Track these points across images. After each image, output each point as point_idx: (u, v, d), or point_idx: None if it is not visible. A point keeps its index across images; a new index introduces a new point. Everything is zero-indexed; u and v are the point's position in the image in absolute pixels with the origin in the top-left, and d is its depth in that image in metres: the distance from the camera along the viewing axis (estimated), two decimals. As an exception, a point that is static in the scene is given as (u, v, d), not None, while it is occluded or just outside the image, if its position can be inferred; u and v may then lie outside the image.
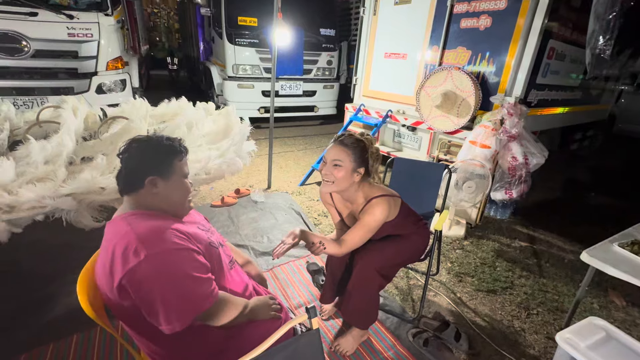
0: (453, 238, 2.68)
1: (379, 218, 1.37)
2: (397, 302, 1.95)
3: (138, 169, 0.94)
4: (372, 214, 1.37)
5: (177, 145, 1.01)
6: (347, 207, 1.54)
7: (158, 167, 0.95)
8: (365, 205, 1.41)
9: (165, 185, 0.96)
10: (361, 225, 1.39)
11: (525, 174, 2.51)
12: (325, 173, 1.38)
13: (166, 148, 0.98)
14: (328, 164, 1.37)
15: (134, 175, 0.94)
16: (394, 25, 3.54)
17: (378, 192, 1.42)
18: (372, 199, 1.40)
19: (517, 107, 2.51)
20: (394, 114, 3.55)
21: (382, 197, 1.40)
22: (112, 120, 2.37)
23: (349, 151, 1.35)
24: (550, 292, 2.13)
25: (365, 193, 1.43)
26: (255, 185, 3.51)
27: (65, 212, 1.61)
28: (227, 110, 2.65)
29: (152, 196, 0.95)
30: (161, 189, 0.95)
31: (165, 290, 0.82)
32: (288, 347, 0.82)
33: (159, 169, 0.95)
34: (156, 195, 0.95)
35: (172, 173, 0.97)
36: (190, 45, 8.50)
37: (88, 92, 4.07)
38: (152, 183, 0.94)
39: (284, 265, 2.24)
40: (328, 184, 1.39)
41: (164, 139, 0.99)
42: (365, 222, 1.38)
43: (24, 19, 3.64)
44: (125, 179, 0.96)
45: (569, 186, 4.19)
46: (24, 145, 1.81)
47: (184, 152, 1.02)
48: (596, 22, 1.94)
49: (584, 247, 1.53)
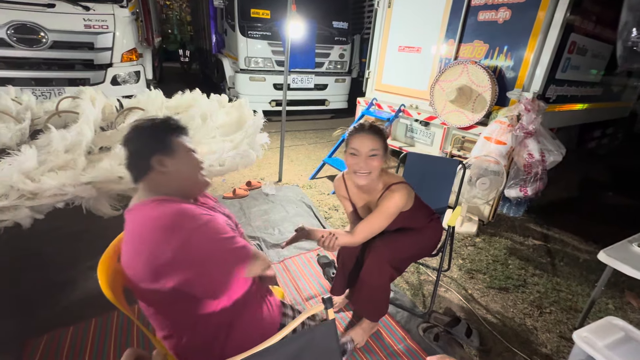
0: (465, 235, 2.66)
1: (398, 203, 1.36)
2: (407, 297, 1.96)
3: (141, 151, 0.94)
4: (391, 199, 1.36)
5: (172, 122, 1.00)
6: (363, 198, 1.52)
7: (160, 144, 0.95)
8: (385, 192, 1.40)
9: (173, 162, 0.95)
10: (380, 211, 1.37)
11: (541, 172, 2.46)
12: (360, 166, 1.32)
13: (164, 126, 0.98)
14: (363, 156, 1.32)
15: (139, 158, 0.95)
16: (408, 18, 3.49)
17: (396, 179, 1.43)
18: (392, 185, 1.40)
19: (535, 103, 2.45)
20: (407, 109, 3.51)
21: (401, 184, 1.40)
22: (128, 111, 2.41)
23: (380, 138, 1.34)
24: (564, 292, 2.10)
25: (384, 180, 1.43)
26: (267, 178, 3.53)
27: (85, 200, 1.65)
28: (240, 103, 2.67)
29: (164, 176, 0.95)
30: (170, 166, 0.95)
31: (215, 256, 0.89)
32: (304, 336, 0.84)
33: (162, 147, 0.95)
34: (167, 175, 0.95)
35: (175, 149, 0.97)
36: (202, 38, 8.53)
37: (103, 83, 4.14)
38: (160, 162, 0.94)
39: (294, 257, 2.26)
40: (363, 175, 1.34)
41: (157, 119, 0.99)
42: (385, 207, 1.37)
43: (41, 10, 3.70)
44: (133, 165, 0.96)
45: (585, 185, 4.10)
46: (45, 134, 1.86)
47: (181, 129, 1.01)
48: (629, 13, 1.86)
49: (600, 247, 1.50)
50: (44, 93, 3.91)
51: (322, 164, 3.65)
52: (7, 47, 3.66)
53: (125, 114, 2.40)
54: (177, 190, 0.97)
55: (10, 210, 1.49)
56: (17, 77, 3.77)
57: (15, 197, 1.48)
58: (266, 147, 2.46)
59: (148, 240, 0.85)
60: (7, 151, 1.67)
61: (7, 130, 1.93)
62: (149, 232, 0.86)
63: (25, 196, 1.52)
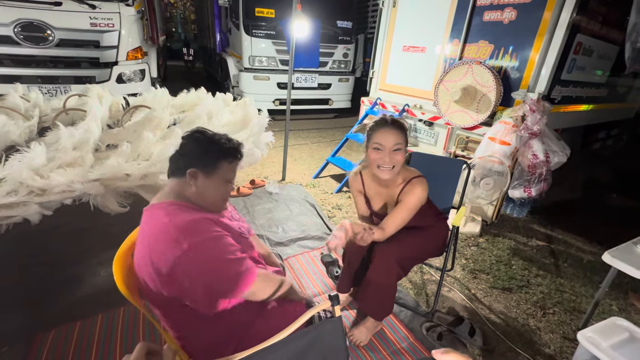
0: (468, 235, 2.66)
1: (422, 196, 1.39)
2: (410, 296, 1.96)
3: (186, 157, 0.97)
4: (414, 194, 1.38)
5: (232, 147, 1.00)
6: (380, 192, 1.52)
7: (203, 161, 0.96)
8: (406, 187, 1.41)
9: (204, 182, 0.96)
10: (405, 205, 1.39)
11: (545, 172, 2.46)
12: (385, 160, 1.33)
13: (220, 147, 0.98)
14: (388, 150, 1.33)
15: (181, 161, 0.97)
16: (413, 18, 3.48)
17: (414, 172, 1.44)
18: (413, 179, 1.41)
19: (540, 104, 2.45)
20: (411, 109, 3.51)
21: (420, 177, 1.42)
22: (134, 109, 2.42)
23: (403, 133, 1.35)
24: (567, 292, 2.10)
25: (403, 174, 1.44)
26: (270, 176, 3.55)
27: (93, 197, 1.67)
28: (245, 102, 2.68)
29: (190, 188, 0.97)
30: (200, 184, 0.96)
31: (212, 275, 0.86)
32: (311, 332, 0.84)
33: (204, 164, 0.96)
34: (193, 189, 0.96)
35: (215, 172, 0.97)
36: (206, 37, 8.55)
37: (109, 81, 4.16)
38: (193, 175, 0.95)
39: (298, 255, 2.27)
40: (387, 170, 1.35)
41: (224, 138, 1.00)
42: (409, 201, 1.39)
43: (48, 8, 3.73)
44: (174, 163, 0.99)
45: (589, 186, 4.09)
46: (53, 131, 1.88)
47: (237, 157, 1.02)
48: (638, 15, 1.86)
49: (604, 248, 1.50)
50: (50, 91, 3.94)
51: (326, 163, 3.66)
52: (14, 45, 3.68)
53: (131, 112, 2.42)
54: (196, 202, 0.99)
55: (20, 206, 1.51)
56: (23, 74, 3.81)
57: (24, 194, 1.50)
58: (271, 145, 2.47)
59: (154, 244, 0.87)
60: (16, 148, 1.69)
61: (16, 128, 1.95)
62: (157, 237, 0.87)
63: (34, 192, 1.54)
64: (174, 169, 0.99)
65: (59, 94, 3.86)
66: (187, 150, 0.98)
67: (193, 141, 0.99)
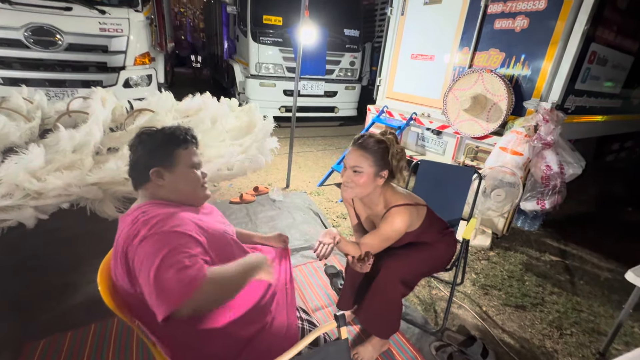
0: (478, 248, 2.56)
1: (398, 228, 1.29)
2: (419, 312, 1.86)
3: (142, 161, 0.93)
4: (390, 224, 1.29)
5: (180, 133, 0.97)
6: (365, 210, 1.47)
7: (160, 158, 0.93)
8: (386, 213, 1.33)
9: (170, 177, 0.93)
10: (379, 233, 1.32)
11: (560, 184, 2.37)
12: (345, 180, 1.30)
13: (167, 137, 0.95)
14: (348, 170, 1.29)
15: (139, 168, 0.93)
16: (422, 26, 3.45)
17: (400, 199, 1.33)
18: (393, 207, 1.31)
19: (554, 113, 2.37)
20: (419, 117, 3.45)
21: (403, 207, 1.31)
22: (138, 113, 2.39)
23: (368, 155, 1.25)
24: (585, 312, 1.98)
25: (387, 199, 1.35)
26: (274, 183, 3.49)
27: (90, 201, 1.61)
28: (250, 107, 2.65)
29: (160, 188, 0.93)
30: (167, 180, 0.93)
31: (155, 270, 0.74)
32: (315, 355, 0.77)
33: (161, 160, 0.93)
34: (163, 187, 0.93)
35: (175, 164, 0.94)
36: (214, 44, 8.64)
37: (116, 85, 4.17)
38: (157, 175, 0.92)
39: (301, 266, 2.19)
40: (348, 189, 1.30)
41: (165, 129, 0.97)
42: (383, 231, 1.31)
43: (59, 13, 3.77)
44: (133, 173, 0.95)
45: (603, 199, 3.96)
46: (54, 133, 1.85)
47: (189, 141, 0.98)
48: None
49: (621, 265, 1.41)
50: (57, 94, 3.95)
51: (331, 171, 3.60)
52: (24, 49, 3.72)
53: (135, 116, 2.39)
54: (174, 198, 0.95)
55: (14, 209, 1.46)
56: (31, 77, 3.83)
57: (20, 197, 1.46)
58: (275, 151, 2.41)
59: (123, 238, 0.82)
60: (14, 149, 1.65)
61: (17, 129, 1.92)
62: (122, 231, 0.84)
63: (30, 195, 1.49)
64: (137, 179, 0.95)
65: (65, 98, 3.86)
66: (140, 155, 0.94)
67: (141, 143, 0.95)
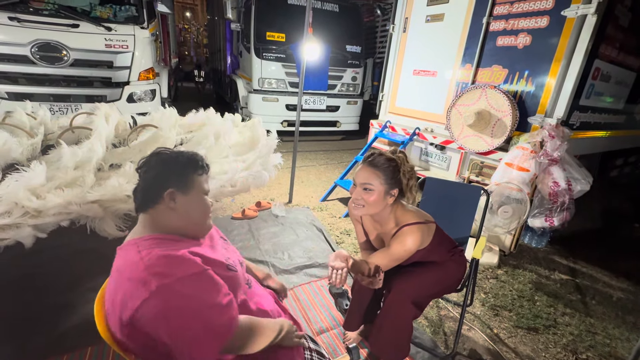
0: (485, 266, 2.50)
1: (409, 248, 1.26)
2: (427, 335, 1.79)
3: (157, 181, 0.89)
4: (402, 243, 1.26)
5: (198, 159, 0.96)
6: (375, 228, 1.43)
7: (177, 179, 0.90)
8: (397, 232, 1.29)
9: (184, 200, 0.90)
10: (389, 252, 1.28)
11: (568, 201, 2.32)
12: (355, 197, 1.27)
13: (186, 161, 0.94)
14: (358, 187, 1.26)
15: (152, 188, 0.89)
16: (424, 43, 3.48)
17: (412, 218, 1.30)
18: (404, 227, 1.28)
19: (560, 129, 2.35)
20: (422, 132, 3.44)
21: (415, 225, 1.28)
22: (141, 128, 2.38)
23: (379, 173, 1.23)
24: (600, 335, 1.91)
25: (398, 218, 1.32)
26: (277, 198, 3.45)
27: (90, 220, 1.58)
28: (253, 122, 2.63)
29: (170, 212, 0.89)
30: (180, 204, 0.89)
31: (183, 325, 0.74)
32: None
33: (178, 182, 0.90)
34: (174, 212, 0.89)
35: (191, 187, 0.92)
36: (217, 59, 8.78)
37: (120, 100, 4.19)
38: (171, 197, 0.88)
39: (305, 285, 2.12)
40: (358, 207, 1.28)
41: (184, 153, 0.95)
42: (394, 250, 1.27)
43: (66, 30, 3.82)
44: (143, 193, 0.90)
45: (609, 216, 3.90)
46: (56, 149, 1.83)
47: (205, 168, 0.97)
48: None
49: (632, 284, 1.36)
50: (62, 109, 3.97)
51: (334, 186, 3.56)
52: (30, 64, 3.75)
53: (138, 131, 2.38)
54: (178, 229, 0.90)
55: (12, 228, 1.42)
56: (36, 92, 3.85)
57: (18, 215, 1.42)
58: (279, 167, 2.39)
59: (119, 286, 0.78)
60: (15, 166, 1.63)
61: (19, 145, 1.90)
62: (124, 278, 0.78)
63: (29, 214, 1.45)
64: (143, 201, 0.90)
65: (69, 113, 3.88)
66: (154, 174, 0.90)
67: (158, 164, 0.91)
